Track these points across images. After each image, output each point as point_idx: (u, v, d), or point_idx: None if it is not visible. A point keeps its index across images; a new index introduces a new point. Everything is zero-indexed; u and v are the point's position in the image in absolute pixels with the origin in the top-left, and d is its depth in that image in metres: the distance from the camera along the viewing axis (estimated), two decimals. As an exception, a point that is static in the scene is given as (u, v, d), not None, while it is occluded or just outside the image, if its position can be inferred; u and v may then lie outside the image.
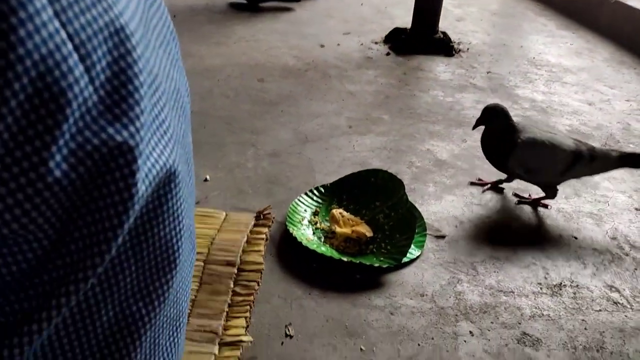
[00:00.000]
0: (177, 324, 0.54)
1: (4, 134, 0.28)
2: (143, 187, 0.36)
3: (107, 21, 0.33)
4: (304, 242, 1.28)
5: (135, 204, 0.36)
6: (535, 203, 1.54)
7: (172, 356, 0.54)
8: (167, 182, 0.40)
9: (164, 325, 0.50)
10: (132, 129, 0.35)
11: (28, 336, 0.35)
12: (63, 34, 0.30)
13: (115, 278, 0.40)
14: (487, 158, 1.48)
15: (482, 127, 1.48)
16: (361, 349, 1.08)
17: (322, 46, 2.74)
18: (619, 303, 1.23)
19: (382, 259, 1.27)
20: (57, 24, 0.29)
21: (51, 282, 0.35)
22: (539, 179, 1.48)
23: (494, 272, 1.30)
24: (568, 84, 2.44)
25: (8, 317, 0.36)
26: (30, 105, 0.29)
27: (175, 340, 0.54)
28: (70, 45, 0.30)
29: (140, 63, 0.35)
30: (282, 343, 1.08)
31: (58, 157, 0.31)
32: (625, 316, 1.20)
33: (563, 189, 1.64)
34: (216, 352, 1.02)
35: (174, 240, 0.44)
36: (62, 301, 0.36)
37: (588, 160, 1.41)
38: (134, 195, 0.36)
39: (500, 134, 1.42)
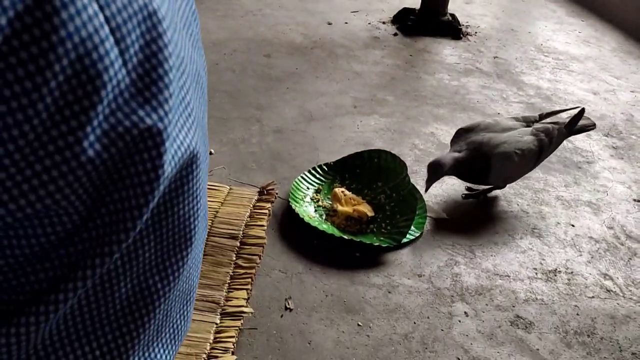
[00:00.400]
0: (188, 297, 0.56)
1: (43, 113, 0.30)
2: (169, 168, 0.38)
3: (141, 5, 0.34)
4: (306, 219, 1.30)
5: (160, 185, 0.38)
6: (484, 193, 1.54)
7: (181, 327, 0.56)
8: (189, 164, 0.42)
9: (176, 299, 0.52)
10: (161, 112, 0.36)
11: (54, 304, 0.37)
12: (101, 17, 0.31)
13: (135, 252, 0.42)
14: (468, 181, 1.48)
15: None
16: (358, 325, 1.11)
17: (330, 24, 2.72)
18: (611, 291, 1.26)
19: (382, 238, 1.30)
20: (95, 7, 0.30)
21: (77, 254, 0.37)
22: (514, 180, 1.49)
23: (491, 255, 1.32)
24: (574, 73, 2.43)
25: (33, 285, 0.37)
26: (69, 86, 0.30)
27: (185, 312, 0.57)
28: (107, 29, 0.31)
29: (170, 47, 0.37)
30: (282, 315, 1.11)
31: (92, 137, 0.33)
32: (617, 304, 1.23)
33: (563, 177, 1.66)
34: (217, 321, 1.05)
35: (191, 219, 0.46)
36: (88, 273, 0.38)
37: (548, 145, 1.44)
38: (160, 177, 0.37)
39: (469, 163, 1.38)
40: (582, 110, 1.49)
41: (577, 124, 1.49)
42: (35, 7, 0.27)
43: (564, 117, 1.56)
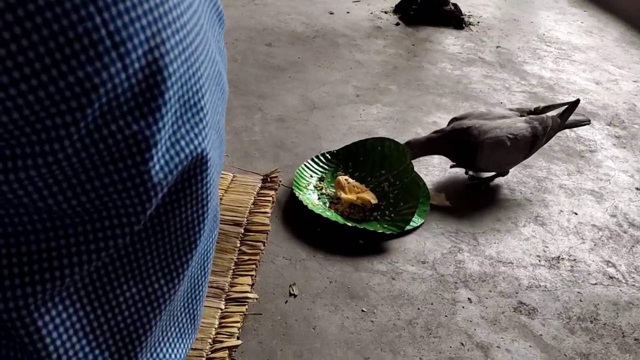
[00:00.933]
0: (195, 297, 0.56)
1: (35, 105, 0.30)
2: (160, 174, 0.37)
3: (146, 9, 0.34)
4: (310, 206, 1.30)
5: (152, 190, 0.37)
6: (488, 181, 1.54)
7: (188, 326, 0.56)
8: (193, 168, 0.41)
9: (181, 299, 0.52)
10: (150, 119, 0.36)
11: (47, 284, 0.37)
12: (98, 20, 0.31)
13: (135, 254, 0.41)
14: (457, 161, 1.48)
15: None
16: (362, 311, 1.11)
17: (331, 13, 2.71)
18: (614, 278, 1.26)
19: (385, 225, 1.30)
20: (92, 8, 0.30)
21: (68, 247, 0.37)
22: (506, 169, 1.49)
23: (495, 243, 1.33)
24: (576, 62, 2.43)
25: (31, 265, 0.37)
26: (62, 84, 0.31)
27: (193, 312, 0.56)
28: (104, 31, 0.31)
29: (171, 53, 0.36)
30: (286, 301, 1.11)
31: (75, 137, 0.33)
32: (620, 290, 1.23)
33: (566, 166, 1.66)
34: (222, 307, 1.05)
35: (196, 222, 0.45)
36: (77, 268, 0.37)
37: (543, 134, 1.43)
38: (147, 182, 0.37)
39: (457, 144, 1.39)
40: (577, 101, 1.49)
41: (571, 114, 1.49)
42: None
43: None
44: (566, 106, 1.50)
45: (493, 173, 1.51)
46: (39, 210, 0.35)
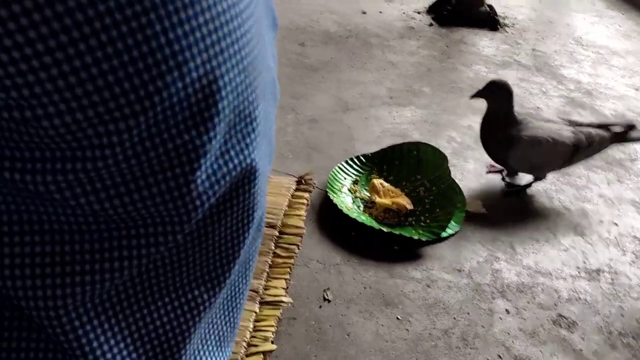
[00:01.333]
0: (235, 304, 0.55)
1: (89, 110, 0.30)
2: (206, 183, 0.37)
3: (201, 22, 0.33)
4: (345, 210, 1.29)
5: (198, 200, 0.37)
6: (524, 189, 1.50)
7: (227, 333, 0.55)
8: (241, 178, 0.41)
9: (221, 306, 0.52)
10: (201, 128, 0.35)
11: (78, 286, 0.37)
12: (162, 40, 0.30)
13: (179, 262, 0.41)
14: (487, 151, 1.45)
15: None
16: (397, 318, 1.10)
17: (364, 13, 2.69)
18: (657, 293, 1.22)
19: (421, 232, 1.28)
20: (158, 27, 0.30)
21: (105, 251, 0.36)
22: (540, 173, 1.45)
23: (533, 253, 1.30)
24: (615, 67, 2.37)
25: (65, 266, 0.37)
26: (116, 89, 0.30)
27: (232, 319, 0.56)
28: (167, 51, 0.31)
29: (232, 58, 0.35)
30: (321, 306, 1.10)
31: (127, 144, 0.32)
32: (664, 306, 1.19)
33: (605, 174, 1.62)
34: (257, 310, 1.04)
35: (240, 232, 0.44)
36: (116, 265, 0.37)
37: (586, 147, 1.39)
38: (192, 191, 0.36)
39: (500, 128, 1.38)
40: (633, 127, 1.43)
41: (623, 138, 1.43)
42: None
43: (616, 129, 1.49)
44: (622, 128, 1.43)
45: (530, 179, 1.48)
46: (85, 213, 0.35)
